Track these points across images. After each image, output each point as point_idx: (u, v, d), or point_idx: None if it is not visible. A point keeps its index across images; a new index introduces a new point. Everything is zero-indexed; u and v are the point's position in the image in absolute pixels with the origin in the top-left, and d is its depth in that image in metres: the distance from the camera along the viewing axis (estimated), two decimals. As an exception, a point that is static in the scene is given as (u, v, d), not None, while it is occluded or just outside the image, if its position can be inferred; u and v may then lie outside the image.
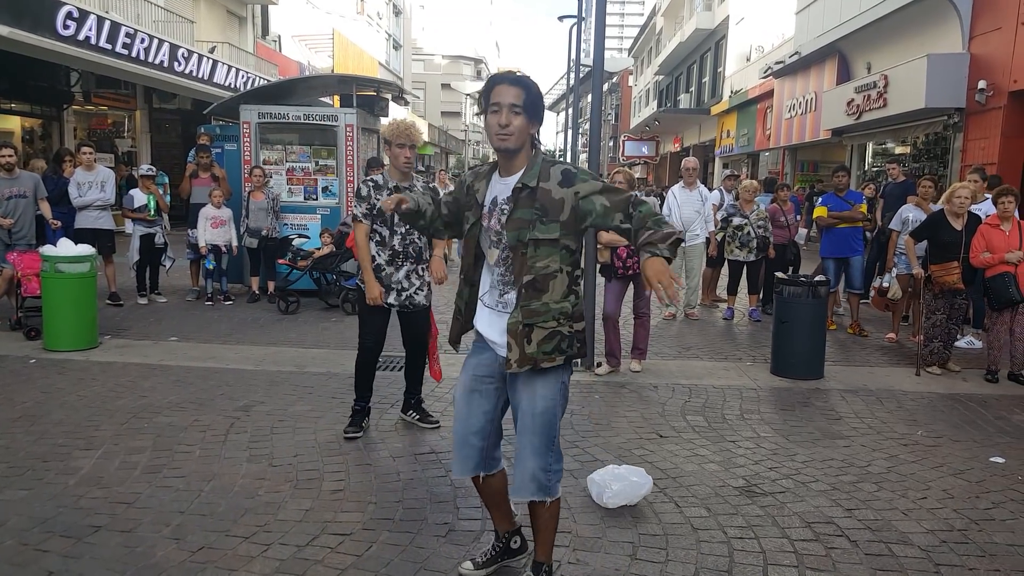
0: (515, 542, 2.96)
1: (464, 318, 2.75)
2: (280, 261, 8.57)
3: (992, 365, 6.01)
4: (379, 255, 4.30)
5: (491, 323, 2.64)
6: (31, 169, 8.48)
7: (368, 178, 4.40)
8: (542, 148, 2.69)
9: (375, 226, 4.29)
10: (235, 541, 3.12)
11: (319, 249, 8.54)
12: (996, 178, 8.14)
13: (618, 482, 3.48)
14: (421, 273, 4.41)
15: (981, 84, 11.13)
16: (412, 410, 4.69)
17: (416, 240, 4.34)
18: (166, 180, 9.37)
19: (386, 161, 4.90)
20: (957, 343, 6.75)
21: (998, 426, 4.86)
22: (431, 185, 4.46)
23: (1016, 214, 5.97)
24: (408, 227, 4.21)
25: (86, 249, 6.52)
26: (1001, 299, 5.79)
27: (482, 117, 2.56)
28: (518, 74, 2.53)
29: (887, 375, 6.18)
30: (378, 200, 4.22)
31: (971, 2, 11.63)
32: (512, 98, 2.46)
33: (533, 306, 2.51)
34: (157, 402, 4.95)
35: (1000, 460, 4.17)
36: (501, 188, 2.58)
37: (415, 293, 4.39)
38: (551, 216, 2.49)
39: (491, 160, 2.71)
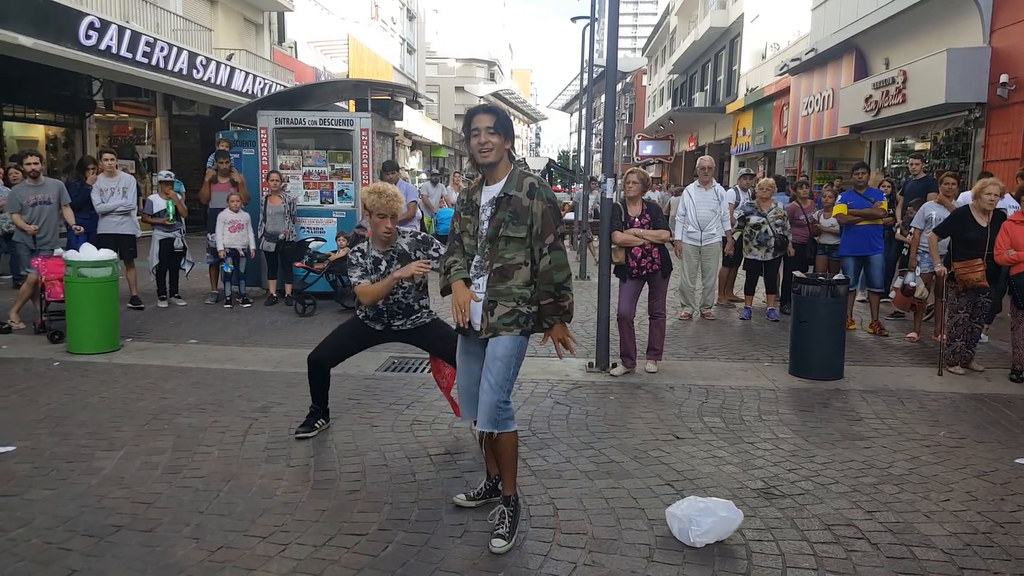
0: (502, 484, 3.35)
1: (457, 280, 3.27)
2: (297, 264, 8.63)
3: (1017, 364, 5.92)
4: (367, 311, 4.32)
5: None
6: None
7: (354, 249, 4.34)
8: (519, 158, 2.93)
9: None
10: (253, 541, 3.15)
11: (335, 252, 8.59)
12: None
13: (707, 517, 3.14)
14: (414, 319, 4.35)
15: (1003, 78, 10.97)
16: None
17: (401, 299, 4.28)
18: (182, 188, 9.47)
19: (412, 166, 4.89)
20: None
21: (1023, 427, 4.78)
22: (419, 237, 4.35)
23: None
24: (398, 291, 4.24)
25: (108, 254, 6.61)
26: (1027, 296, 5.70)
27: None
28: (487, 105, 3.31)
29: (908, 375, 6.10)
30: (369, 260, 4.24)
31: (992, -5, 11.48)
32: (487, 123, 3.12)
33: (499, 288, 3.15)
34: (177, 403, 5.01)
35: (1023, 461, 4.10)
36: (487, 195, 3.22)
37: (404, 324, 4.36)
38: (520, 219, 3.11)
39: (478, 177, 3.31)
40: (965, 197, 7.41)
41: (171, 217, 8.52)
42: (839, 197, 8.10)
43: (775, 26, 23.73)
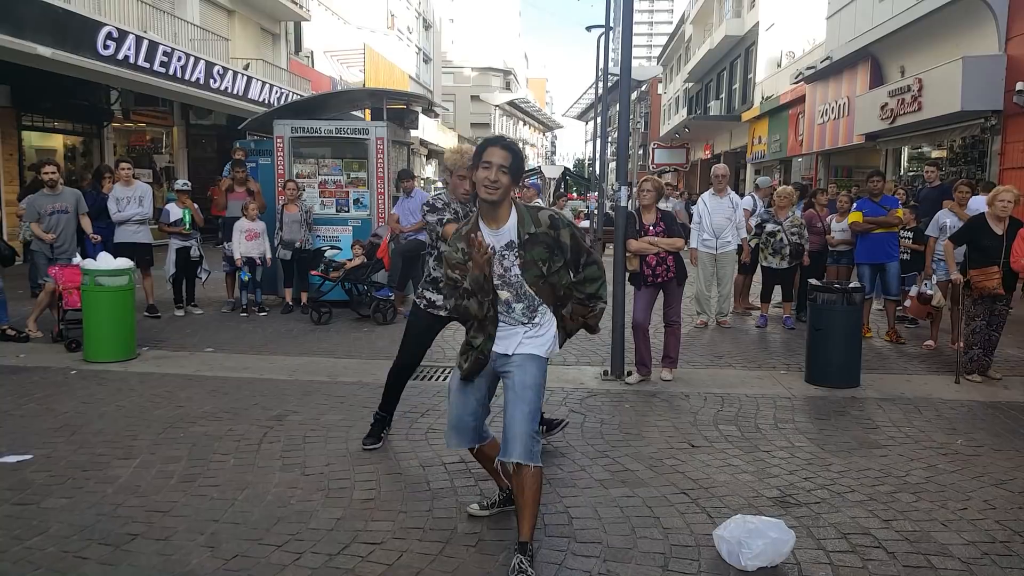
0: (521, 525, 3.09)
1: (486, 359, 3.15)
2: (312, 272, 8.68)
3: (1036, 373, 5.84)
4: (435, 270, 4.19)
5: (501, 339, 3.15)
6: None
7: (437, 196, 4.28)
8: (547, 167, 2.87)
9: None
10: (268, 549, 3.16)
11: (350, 260, 8.63)
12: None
13: (757, 539, 3.00)
14: None
15: (1019, 86, 10.88)
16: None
17: None
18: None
19: (427, 175, 4.91)
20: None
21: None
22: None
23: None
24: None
25: (124, 263, 6.68)
26: (1044, 305, 5.63)
27: (521, 127, 2.94)
28: (507, 140, 3.09)
29: (925, 383, 6.04)
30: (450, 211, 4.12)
31: (1007, 3, 11.39)
32: (501, 160, 2.96)
33: (563, 312, 3.19)
34: (193, 412, 5.04)
35: (1045, 470, 4.05)
36: (495, 239, 3.05)
37: None
38: (559, 251, 3.08)
39: (471, 216, 3.19)
40: (976, 203, 7.35)
41: (188, 226, 8.60)
42: (855, 205, 8.06)
43: (790, 34, 23.68)
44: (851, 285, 6.13)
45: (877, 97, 14.96)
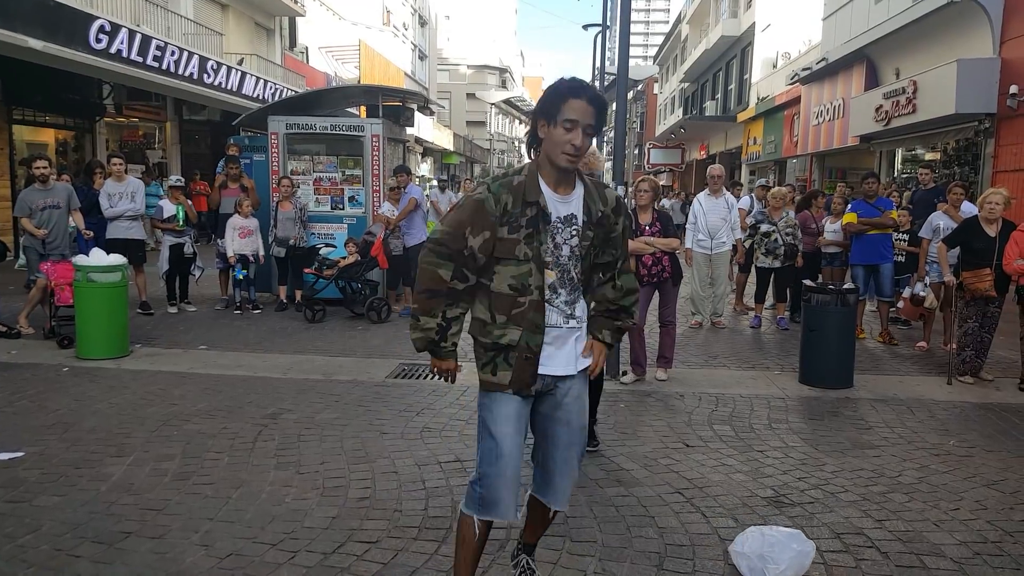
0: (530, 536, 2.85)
1: (536, 357, 2.43)
2: (306, 270, 8.65)
3: (1028, 375, 5.87)
4: None
5: (552, 354, 2.46)
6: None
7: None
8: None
9: None
10: (262, 548, 3.15)
11: (344, 258, 8.61)
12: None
13: (782, 553, 2.87)
14: None
15: (1013, 89, 10.93)
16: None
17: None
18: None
19: (423, 172, 4.79)
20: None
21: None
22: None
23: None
24: None
25: (117, 259, 6.64)
26: (1035, 307, 5.66)
27: (516, 126, 2.45)
28: (593, 90, 2.40)
29: (918, 384, 6.07)
30: None
31: (1002, 6, 11.44)
32: (589, 118, 2.34)
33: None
34: (187, 410, 5.02)
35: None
36: (564, 207, 2.43)
37: None
38: (611, 244, 2.53)
39: (514, 169, 2.49)
40: (969, 207, 7.38)
41: (181, 223, 8.56)
42: (849, 206, 8.08)
43: (786, 35, 23.72)
44: (845, 286, 6.15)
45: (872, 99, 15.01)
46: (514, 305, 2.39)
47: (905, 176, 15.46)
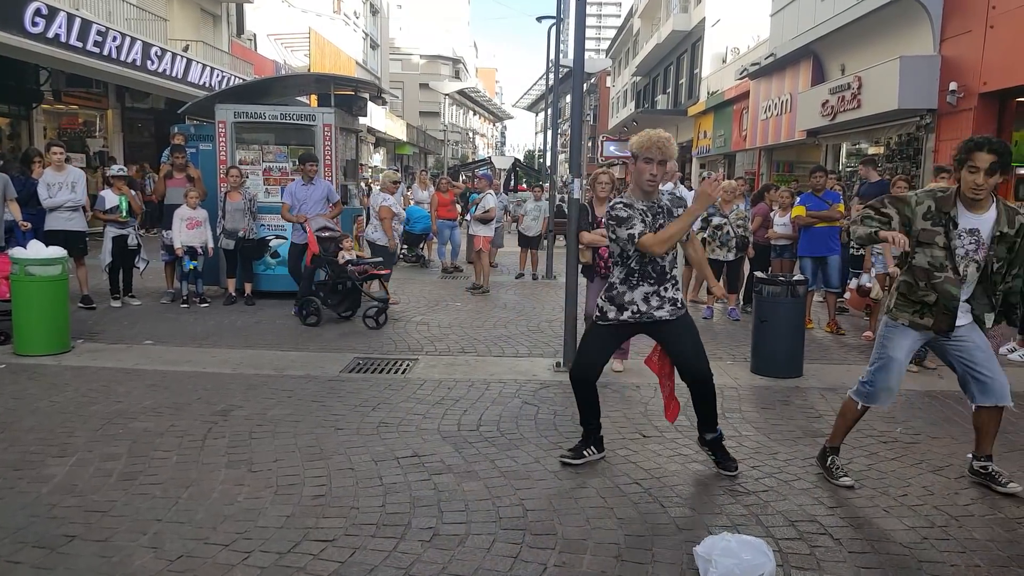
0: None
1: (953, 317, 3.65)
2: (309, 265, 8.09)
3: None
4: (614, 274, 3.91)
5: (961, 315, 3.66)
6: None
7: (616, 202, 3.83)
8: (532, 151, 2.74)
9: (622, 248, 3.83)
10: (214, 549, 3.06)
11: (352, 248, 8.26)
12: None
13: (727, 559, 2.84)
14: (663, 294, 3.85)
15: (952, 86, 11.29)
16: (706, 447, 4.06)
17: (658, 260, 3.81)
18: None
19: (375, 163, 4.63)
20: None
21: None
22: (677, 195, 4.00)
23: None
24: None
25: (57, 251, 6.38)
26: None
27: (471, 117, 2.87)
28: (995, 143, 3.45)
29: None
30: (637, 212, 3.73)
31: (941, 5, 11.80)
32: (987, 163, 3.40)
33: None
34: (132, 407, 4.85)
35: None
36: (972, 223, 3.54)
37: (655, 310, 3.84)
38: (1015, 261, 3.60)
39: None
40: None
41: (124, 213, 8.27)
42: (798, 199, 8.25)
43: (735, 31, 24.09)
44: (794, 278, 6.28)
45: (818, 94, 15.34)
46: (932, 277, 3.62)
47: (850, 170, 15.87)
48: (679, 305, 3.91)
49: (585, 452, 4.06)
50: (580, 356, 4.10)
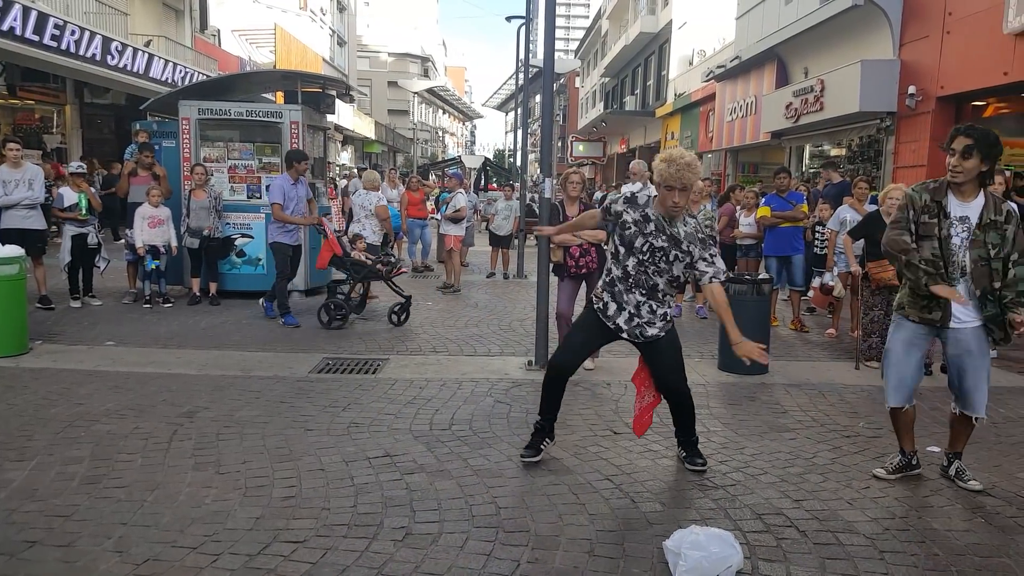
0: (916, 460, 3.98)
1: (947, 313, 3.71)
2: (328, 263, 7.96)
3: (927, 359, 6.24)
4: (614, 269, 3.91)
5: (964, 308, 3.66)
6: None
7: (628, 193, 3.91)
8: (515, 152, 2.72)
9: (616, 245, 3.89)
10: (182, 552, 3.01)
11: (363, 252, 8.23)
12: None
13: (695, 551, 2.85)
14: (655, 308, 3.88)
15: (911, 89, 11.58)
16: (681, 447, 4.13)
17: (652, 275, 3.82)
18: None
19: (343, 161, 4.59)
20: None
21: (933, 416, 5.04)
22: (707, 227, 3.91)
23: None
24: (647, 257, 3.82)
25: (14, 250, 6.21)
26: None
27: (440, 116, 2.81)
28: (968, 127, 3.54)
29: (828, 369, 6.36)
30: (627, 214, 3.78)
31: (900, 11, 12.09)
32: (961, 146, 3.52)
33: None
34: (94, 409, 4.75)
35: (936, 449, 4.32)
36: (962, 211, 3.61)
37: (646, 324, 3.87)
38: (1004, 244, 3.57)
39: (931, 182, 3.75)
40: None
41: (84, 211, 8.08)
42: (762, 200, 8.39)
43: (702, 33, 24.36)
44: (760, 277, 6.38)
45: (782, 97, 15.60)
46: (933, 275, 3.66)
47: (813, 171, 16.17)
48: (668, 320, 3.95)
49: (542, 446, 4.08)
50: (564, 349, 4.11)
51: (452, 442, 4.34)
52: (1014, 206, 3.68)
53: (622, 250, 3.86)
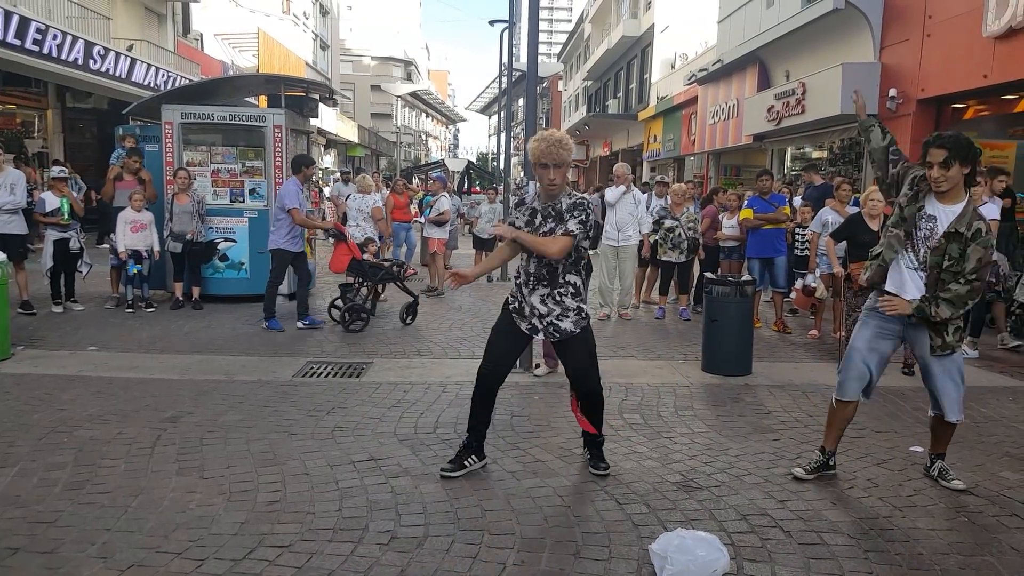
0: (833, 461, 4.00)
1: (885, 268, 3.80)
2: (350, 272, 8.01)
3: (908, 359, 6.32)
4: (520, 272, 3.90)
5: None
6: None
7: (519, 200, 4.02)
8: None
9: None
10: (167, 558, 2.99)
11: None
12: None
13: (682, 556, 2.86)
14: (561, 298, 3.82)
15: (892, 92, 11.72)
16: (586, 447, 4.11)
17: (550, 263, 3.77)
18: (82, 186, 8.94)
19: (326, 164, 4.62)
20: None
21: (916, 417, 5.10)
22: (576, 200, 3.78)
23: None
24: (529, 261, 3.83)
25: (-5, 255, 6.15)
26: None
27: (423, 119, 2.79)
28: (942, 137, 3.55)
29: (811, 370, 6.42)
30: (516, 219, 3.84)
31: (881, 15, 12.24)
32: (939, 157, 3.51)
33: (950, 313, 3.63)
34: (77, 415, 4.71)
35: (919, 449, 4.38)
36: (936, 211, 3.62)
37: (558, 319, 3.81)
38: (962, 260, 3.55)
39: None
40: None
41: (66, 216, 8.00)
42: (745, 202, 8.46)
43: (684, 37, 24.54)
44: (743, 278, 6.43)
45: (764, 99, 15.74)
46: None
47: (795, 173, 16.31)
48: (583, 316, 3.86)
49: (466, 462, 3.91)
50: (487, 358, 3.96)
51: (437, 445, 4.34)
52: (985, 225, 3.60)
53: (523, 253, 3.88)
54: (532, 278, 3.84)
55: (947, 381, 3.76)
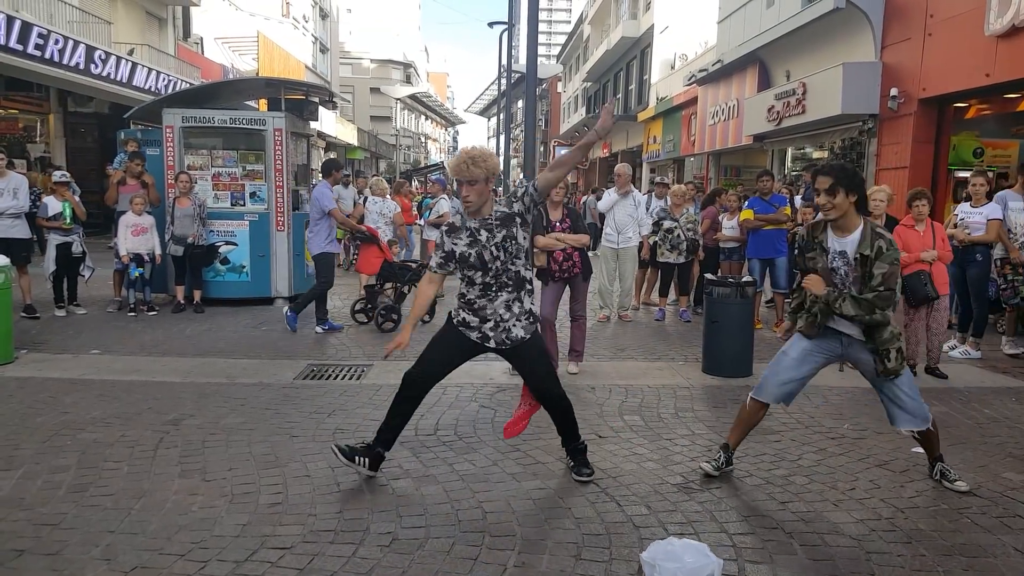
0: (732, 459, 4.03)
1: (820, 322, 3.79)
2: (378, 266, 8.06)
3: (910, 359, 6.32)
4: (468, 292, 3.78)
5: (848, 323, 3.73)
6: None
7: (445, 225, 3.84)
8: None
9: (464, 273, 3.75)
10: (170, 559, 3.01)
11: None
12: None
13: (670, 563, 2.86)
14: (522, 301, 3.76)
15: (893, 91, 11.72)
16: (568, 456, 4.03)
17: (511, 267, 3.71)
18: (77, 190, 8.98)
19: None
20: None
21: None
22: (511, 191, 3.75)
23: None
24: (498, 255, 3.69)
25: (-2, 259, 6.17)
26: (918, 296, 6.08)
27: (422, 121, 2.78)
28: (828, 166, 3.62)
29: (812, 371, 6.41)
30: (455, 244, 3.70)
31: (882, 14, 12.24)
32: (824, 185, 3.55)
33: (883, 336, 3.70)
34: (80, 418, 4.72)
35: (921, 450, 4.37)
36: (840, 246, 3.64)
37: (511, 327, 3.74)
38: (865, 281, 3.57)
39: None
40: None
41: (68, 220, 8.03)
42: (746, 203, 8.46)
43: (683, 38, 24.54)
44: (743, 279, 6.44)
45: (764, 100, 15.74)
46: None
47: (795, 174, 16.31)
48: (532, 320, 3.80)
49: (356, 458, 3.78)
50: (418, 362, 3.88)
51: (437, 447, 4.35)
52: (886, 242, 3.56)
53: (471, 273, 3.72)
54: (494, 286, 3.71)
55: (900, 397, 3.80)
